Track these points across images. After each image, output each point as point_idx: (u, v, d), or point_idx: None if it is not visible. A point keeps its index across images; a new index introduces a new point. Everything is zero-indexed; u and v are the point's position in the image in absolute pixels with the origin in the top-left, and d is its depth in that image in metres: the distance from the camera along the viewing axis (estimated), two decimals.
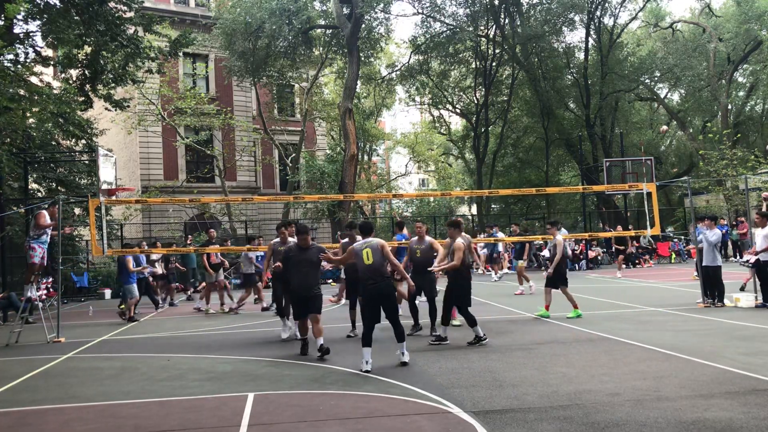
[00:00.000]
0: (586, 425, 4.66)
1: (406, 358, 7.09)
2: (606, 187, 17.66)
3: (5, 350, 9.50)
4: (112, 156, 12.76)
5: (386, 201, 45.86)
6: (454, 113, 41.41)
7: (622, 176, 22.28)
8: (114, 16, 15.03)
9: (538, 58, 31.48)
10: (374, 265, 7.00)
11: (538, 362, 6.96)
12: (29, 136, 16.03)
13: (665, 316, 10.19)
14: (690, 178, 13.62)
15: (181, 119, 27.05)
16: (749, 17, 32.45)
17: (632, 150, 31.27)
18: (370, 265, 7.00)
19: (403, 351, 7.13)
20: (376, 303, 7.04)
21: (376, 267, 7.01)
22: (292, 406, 5.48)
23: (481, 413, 5.05)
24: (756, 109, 38.69)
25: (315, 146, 34.25)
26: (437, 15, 30.92)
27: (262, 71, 27.03)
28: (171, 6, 30.14)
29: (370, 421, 4.99)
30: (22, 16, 14.57)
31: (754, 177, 23.71)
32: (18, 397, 6.32)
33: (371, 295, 7.03)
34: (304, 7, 25.33)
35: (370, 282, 7.00)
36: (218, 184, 29.02)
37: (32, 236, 11.54)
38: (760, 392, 5.35)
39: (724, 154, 26.02)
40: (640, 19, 36.70)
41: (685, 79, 33.29)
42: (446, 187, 43.66)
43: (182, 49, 18.07)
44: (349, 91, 25.35)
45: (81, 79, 16.36)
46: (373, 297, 7.02)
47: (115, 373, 7.36)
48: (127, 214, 25.49)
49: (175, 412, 5.49)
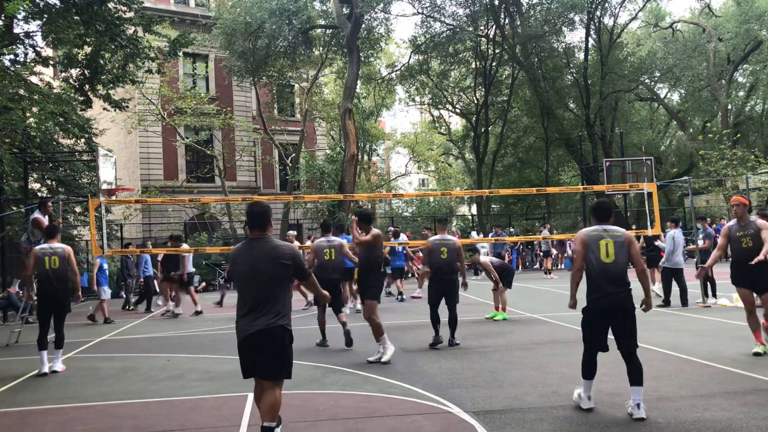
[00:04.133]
0: (586, 425, 4.66)
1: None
2: (606, 187, 17.64)
3: (5, 350, 9.50)
4: (112, 156, 12.78)
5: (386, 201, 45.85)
6: (454, 113, 41.40)
7: (622, 176, 22.29)
8: (113, 16, 15.03)
9: (538, 58, 31.48)
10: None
11: (538, 362, 6.95)
12: (29, 135, 16.03)
13: (665, 316, 10.19)
14: (690, 178, 13.62)
15: (181, 119, 27.06)
16: (749, 17, 32.46)
17: (632, 150, 31.28)
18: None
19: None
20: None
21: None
22: (292, 406, 5.48)
23: (481, 413, 5.05)
24: (756, 109, 38.68)
25: (315, 146, 34.24)
26: (437, 15, 30.91)
27: (262, 71, 27.02)
28: (171, 6, 30.13)
29: (370, 421, 4.99)
30: (22, 16, 14.57)
31: (754, 177, 23.72)
32: (18, 397, 6.32)
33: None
34: (304, 7, 25.31)
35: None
36: (218, 184, 29.02)
37: (33, 241, 11.48)
38: (760, 392, 5.35)
39: (724, 154, 26.03)
40: (640, 19, 36.71)
41: (685, 79, 33.30)
42: (446, 187, 43.62)
43: (182, 49, 18.08)
44: (349, 91, 25.34)
45: (81, 79, 16.37)
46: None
47: (115, 373, 7.35)
48: (127, 214, 25.49)
49: (175, 412, 5.49)
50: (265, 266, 4.15)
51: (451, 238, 8.43)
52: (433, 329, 8.17)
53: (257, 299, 4.14)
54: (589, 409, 4.96)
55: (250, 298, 4.16)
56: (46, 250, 7.58)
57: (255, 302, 4.13)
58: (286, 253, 4.22)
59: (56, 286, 7.45)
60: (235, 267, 4.29)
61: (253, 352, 4.12)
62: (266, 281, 4.15)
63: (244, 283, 4.22)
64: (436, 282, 8.26)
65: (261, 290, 4.15)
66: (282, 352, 4.14)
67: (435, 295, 8.25)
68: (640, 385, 4.82)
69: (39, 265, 7.53)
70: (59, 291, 7.47)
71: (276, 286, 4.19)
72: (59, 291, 7.47)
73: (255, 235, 4.31)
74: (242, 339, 4.15)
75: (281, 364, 4.15)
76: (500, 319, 10.51)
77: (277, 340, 4.11)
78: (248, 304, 4.15)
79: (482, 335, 9.01)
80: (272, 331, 4.09)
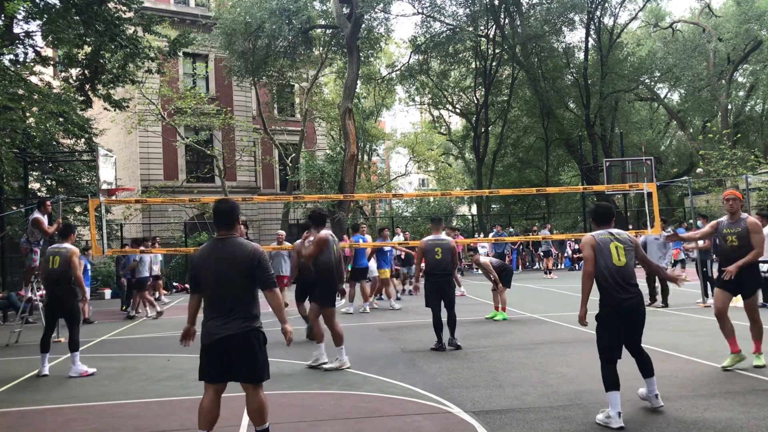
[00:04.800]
0: (586, 425, 4.66)
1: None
2: (606, 187, 17.59)
3: (5, 350, 9.50)
4: (112, 156, 12.76)
5: (386, 201, 45.85)
6: (454, 113, 41.41)
7: (622, 176, 22.26)
8: (113, 16, 15.03)
9: (538, 58, 31.49)
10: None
11: (538, 362, 6.95)
12: (29, 135, 16.04)
13: (665, 316, 10.19)
14: (690, 178, 13.62)
15: (181, 119, 27.06)
16: (749, 17, 32.47)
17: (632, 150, 31.28)
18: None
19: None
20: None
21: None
22: (292, 406, 5.48)
23: (481, 413, 5.05)
24: (756, 109, 38.69)
25: (315, 146, 34.25)
26: (437, 15, 30.93)
27: (262, 71, 27.03)
28: (171, 6, 30.13)
29: (370, 421, 4.99)
30: (22, 16, 14.57)
31: (754, 177, 23.71)
32: (18, 397, 6.32)
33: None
34: (304, 7, 25.31)
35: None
36: (218, 184, 29.02)
37: (32, 241, 11.47)
38: (760, 392, 5.35)
39: (724, 154, 26.02)
40: (640, 19, 36.73)
41: (685, 79, 33.32)
42: (446, 187, 43.62)
43: (182, 49, 18.06)
44: (349, 91, 25.34)
45: (81, 79, 16.36)
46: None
47: (115, 373, 7.35)
48: (127, 214, 25.50)
49: (175, 412, 5.49)
50: (234, 269, 4.05)
51: (445, 238, 8.29)
52: (436, 336, 7.96)
53: (229, 303, 4.04)
54: (620, 428, 4.49)
55: (222, 302, 4.05)
56: (51, 250, 7.60)
57: (227, 306, 4.04)
58: (249, 255, 4.09)
59: (55, 286, 7.39)
60: (202, 270, 4.13)
61: (224, 356, 4.02)
62: (237, 284, 4.06)
63: (215, 286, 4.08)
64: (431, 284, 8.10)
65: (232, 293, 4.05)
66: (259, 355, 4.08)
67: (433, 298, 8.05)
68: (652, 376, 4.94)
69: (44, 264, 7.58)
70: (60, 292, 7.37)
71: (247, 288, 4.11)
72: (60, 292, 7.37)
73: (222, 235, 4.18)
74: (211, 342, 4.02)
75: (260, 367, 4.09)
76: (500, 319, 10.51)
77: (253, 343, 4.04)
78: (219, 308, 4.05)
79: (482, 335, 9.01)
80: (247, 335, 4.02)
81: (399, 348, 8.19)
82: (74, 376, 7.11)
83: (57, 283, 7.38)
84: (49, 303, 7.52)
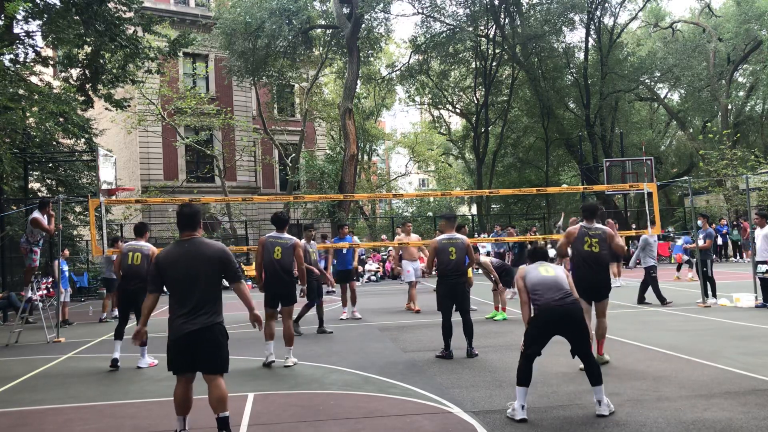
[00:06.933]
0: (586, 425, 4.66)
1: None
2: (606, 187, 17.65)
3: (5, 350, 9.50)
4: (112, 156, 12.77)
5: (386, 201, 45.87)
6: (454, 113, 41.42)
7: (622, 176, 22.29)
8: (113, 16, 15.03)
9: (538, 58, 31.49)
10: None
11: (538, 362, 6.92)
12: (29, 135, 16.03)
13: (665, 316, 10.18)
14: (690, 178, 13.62)
15: (181, 119, 27.07)
16: (749, 17, 32.45)
17: (632, 150, 31.28)
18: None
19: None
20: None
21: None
22: (292, 406, 5.48)
23: (481, 413, 5.05)
24: (756, 109, 38.68)
25: (315, 146, 34.26)
26: (437, 15, 30.93)
27: (262, 71, 27.04)
28: (171, 6, 30.14)
29: (370, 421, 4.99)
30: (22, 16, 14.58)
31: (754, 177, 23.71)
32: (18, 397, 6.32)
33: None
34: (304, 7, 25.34)
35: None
36: (218, 184, 29.03)
37: (32, 241, 11.47)
38: (760, 392, 5.35)
39: (724, 154, 26.02)
40: (640, 19, 36.71)
41: (685, 79, 33.30)
42: (446, 187, 43.67)
43: (182, 49, 18.07)
44: (349, 91, 25.36)
45: (81, 79, 16.37)
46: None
47: (115, 373, 7.35)
48: (127, 214, 25.49)
49: (174, 412, 5.48)
50: (203, 267, 4.28)
51: (460, 236, 7.66)
52: (444, 342, 7.38)
53: (199, 300, 4.25)
54: (522, 419, 4.79)
55: (191, 299, 4.24)
56: (131, 247, 7.82)
57: (196, 303, 4.24)
58: (217, 253, 4.35)
59: (134, 281, 7.57)
60: (169, 270, 4.32)
61: (191, 349, 4.25)
62: (205, 281, 4.28)
63: (184, 284, 4.27)
64: (444, 286, 7.47)
65: (201, 291, 4.26)
66: (221, 348, 4.33)
67: (446, 302, 7.43)
68: (600, 384, 5.01)
69: (123, 260, 7.75)
70: (139, 287, 7.33)
71: (214, 285, 4.35)
72: (139, 287, 7.33)
73: (186, 236, 4.41)
74: (178, 337, 4.25)
75: (221, 359, 4.34)
76: (500, 319, 10.50)
77: (216, 337, 4.29)
78: (189, 305, 4.24)
79: (482, 335, 8.99)
80: (211, 328, 4.27)
81: (399, 348, 8.19)
82: (143, 367, 7.46)
83: (137, 279, 7.57)
84: (125, 297, 7.72)
